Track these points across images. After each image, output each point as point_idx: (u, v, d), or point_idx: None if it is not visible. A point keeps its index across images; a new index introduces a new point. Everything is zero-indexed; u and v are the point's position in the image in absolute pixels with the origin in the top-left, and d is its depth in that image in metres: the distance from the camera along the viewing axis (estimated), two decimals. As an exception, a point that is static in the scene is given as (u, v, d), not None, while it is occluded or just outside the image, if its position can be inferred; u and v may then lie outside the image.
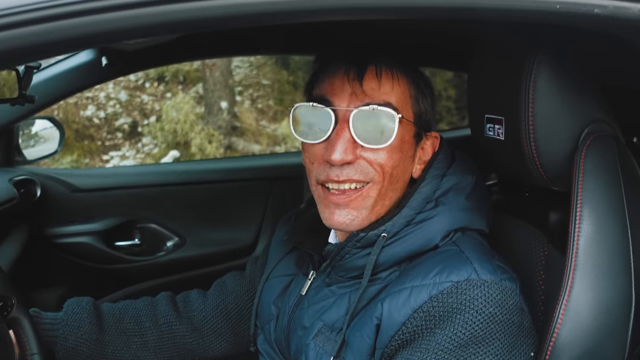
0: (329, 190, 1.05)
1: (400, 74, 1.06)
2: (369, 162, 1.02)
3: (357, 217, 1.04)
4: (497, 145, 1.14)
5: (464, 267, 0.97)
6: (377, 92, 1.03)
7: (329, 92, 1.05)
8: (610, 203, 0.96)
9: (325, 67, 1.09)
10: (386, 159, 1.03)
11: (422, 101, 1.09)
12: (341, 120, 1.02)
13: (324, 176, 1.03)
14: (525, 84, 1.02)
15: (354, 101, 1.02)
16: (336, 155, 1.00)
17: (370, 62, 1.04)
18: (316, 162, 1.06)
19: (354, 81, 1.03)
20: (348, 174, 1.02)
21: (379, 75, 1.03)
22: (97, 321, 1.33)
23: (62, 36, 0.70)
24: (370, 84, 1.03)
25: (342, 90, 1.04)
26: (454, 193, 1.07)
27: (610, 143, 1.02)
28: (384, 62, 1.05)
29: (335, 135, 1.01)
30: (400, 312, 0.96)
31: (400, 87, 1.05)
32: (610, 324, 0.91)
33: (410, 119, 1.07)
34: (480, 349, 0.91)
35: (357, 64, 1.04)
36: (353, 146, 1.01)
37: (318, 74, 1.11)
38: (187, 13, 0.71)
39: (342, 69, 1.04)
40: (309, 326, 1.12)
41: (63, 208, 2.18)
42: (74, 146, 6.67)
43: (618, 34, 0.87)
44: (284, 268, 1.29)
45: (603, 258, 0.93)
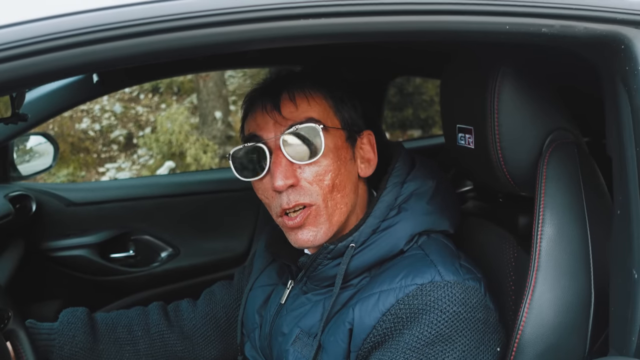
0: (288, 216, 1.11)
1: (314, 91, 1.13)
2: (309, 183, 1.09)
3: (318, 232, 1.11)
4: (468, 153, 1.19)
5: (428, 269, 1.02)
6: (296, 113, 1.10)
7: (256, 129, 1.13)
8: (570, 207, 1.02)
9: (248, 109, 1.18)
10: (324, 172, 1.09)
11: (342, 109, 1.16)
12: (274, 149, 1.09)
13: (279, 208, 1.10)
14: (491, 96, 1.08)
15: (279, 128, 1.10)
16: (278, 182, 1.07)
17: (282, 91, 1.12)
18: (270, 196, 1.12)
19: (272, 111, 1.10)
20: (295, 198, 1.08)
21: (293, 98, 1.11)
22: (91, 330, 1.38)
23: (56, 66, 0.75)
24: (288, 109, 1.10)
25: (266, 123, 1.11)
26: (415, 198, 1.13)
27: (571, 150, 1.07)
28: (295, 87, 1.13)
29: (273, 165, 1.09)
30: (370, 316, 1.02)
31: (317, 101, 1.13)
32: (572, 320, 0.97)
33: (337, 125, 1.13)
34: (447, 346, 0.96)
35: (271, 96, 1.12)
36: (292, 169, 1.08)
37: (245, 117, 1.19)
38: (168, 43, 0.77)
39: (260, 105, 1.13)
40: (287, 332, 1.17)
41: (58, 222, 2.22)
42: (69, 159, 6.72)
43: (570, 48, 0.92)
44: (266, 278, 1.34)
45: (564, 259, 0.99)
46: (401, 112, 7.13)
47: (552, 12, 0.83)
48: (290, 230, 1.12)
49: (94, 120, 7.41)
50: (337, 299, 1.09)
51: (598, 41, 0.88)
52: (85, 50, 0.74)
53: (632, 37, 0.87)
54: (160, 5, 0.76)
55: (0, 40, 0.72)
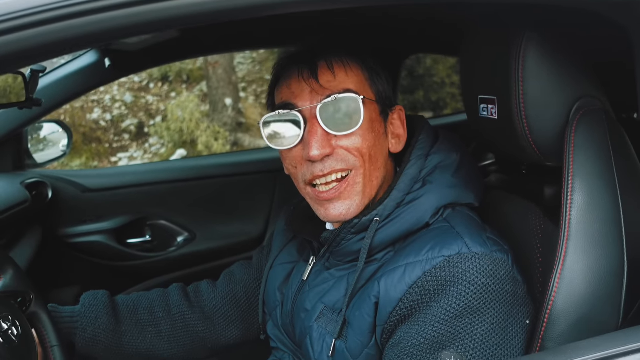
0: (318, 188, 1.09)
1: (351, 61, 1.11)
2: (347, 150, 1.07)
3: (352, 205, 1.08)
4: (491, 125, 1.16)
5: (455, 241, 1.00)
6: (334, 82, 1.08)
7: (290, 97, 1.10)
8: (600, 174, 0.99)
9: (280, 76, 1.14)
10: (362, 142, 1.07)
11: (377, 80, 1.14)
12: (310, 119, 1.07)
13: (310, 175, 1.08)
14: (515, 63, 1.05)
15: (316, 97, 1.07)
16: (314, 152, 1.04)
17: (320, 58, 1.09)
18: (299, 165, 1.10)
19: (309, 79, 1.08)
20: (331, 165, 1.06)
21: (331, 67, 1.08)
22: (113, 312, 1.38)
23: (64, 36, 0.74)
24: (325, 78, 1.08)
25: (302, 91, 1.08)
26: (440, 171, 1.11)
27: (599, 117, 1.04)
28: (332, 55, 1.10)
29: (308, 134, 1.06)
30: (397, 289, 1.00)
31: (354, 72, 1.10)
32: (604, 290, 0.94)
33: (372, 98, 1.11)
34: (475, 318, 0.95)
35: (307, 63, 1.09)
36: (327, 139, 1.06)
37: (274, 84, 1.16)
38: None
39: (296, 72, 1.09)
40: (310, 309, 1.16)
41: (74, 208, 2.23)
42: (82, 149, 6.75)
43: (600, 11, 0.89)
44: (286, 256, 1.33)
45: (595, 227, 0.96)
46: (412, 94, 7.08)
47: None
48: (321, 204, 1.10)
49: (105, 110, 7.42)
50: (362, 273, 1.08)
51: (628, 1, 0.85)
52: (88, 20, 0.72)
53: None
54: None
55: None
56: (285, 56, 1.16)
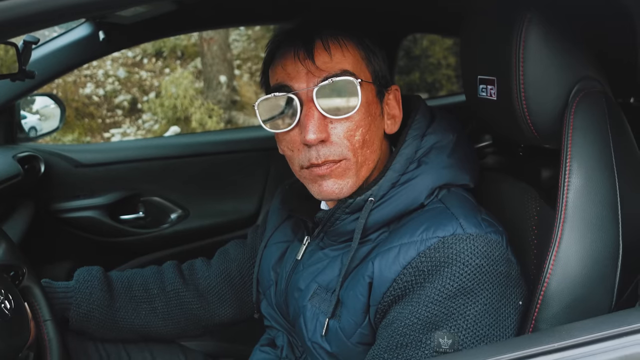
0: (312, 168, 1.07)
1: (347, 40, 1.08)
2: (340, 139, 1.05)
3: (345, 185, 1.08)
4: (490, 105, 1.16)
5: (450, 222, 1.00)
6: (330, 63, 1.05)
7: (285, 78, 1.07)
8: (598, 157, 0.99)
9: (275, 54, 1.12)
10: (355, 127, 1.06)
11: (373, 60, 1.11)
12: (306, 101, 1.04)
13: (306, 161, 1.06)
14: (516, 43, 1.03)
15: (312, 79, 1.05)
16: (310, 136, 1.02)
17: (315, 38, 1.06)
18: (295, 148, 1.08)
19: (305, 60, 1.05)
20: (325, 154, 1.05)
21: (327, 47, 1.06)
22: (107, 288, 1.37)
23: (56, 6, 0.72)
24: (322, 58, 1.05)
25: (298, 72, 1.06)
26: (436, 152, 1.10)
27: (599, 99, 1.04)
28: (328, 34, 1.07)
29: (305, 117, 1.04)
30: (391, 269, 1.00)
31: (351, 52, 1.08)
32: (599, 272, 0.95)
33: (368, 79, 1.09)
34: (469, 299, 0.95)
35: (303, 43, 1.06)
36: (324, 122, 1.04)
37: (269, 63, 1.14)
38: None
39: (291, 52, 1.07)
40: (304, 288, 1.16)
41: (67, 183, 2.21)
42: (74, 124, 6.69)
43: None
44: (280, 235, 1.33)
45: (591, 210, 0.96)
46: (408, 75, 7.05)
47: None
48: (315, 180, 1.09)
49: (98, 85, 7.35)
50: (356, 253, 1.08)
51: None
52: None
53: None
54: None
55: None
56: (280, 34, 1.13)
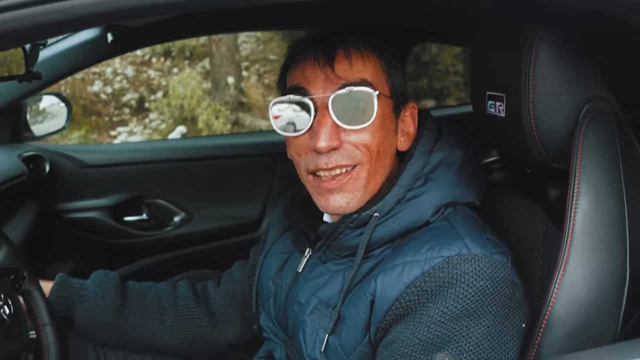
0: (320, 178, 1.06)
1: (369, 50, 1.07)
2: (354, 146, 1.04)
3: (352, 199, 1.06)
4: (498, 122, 1.14)
5: (455, 242, 0.98)
6: (350, 72, 1.04)
7: (303, 82, 1.06)
8: (607, 180, 0.97)
9: (294, 59, 1.10)
10: (370, 138, 1.04)
11: (394, 74, 1.10)
12: (320, 108, 1.03)
13: (313, 165, 1.05)
14: (526, 62, 1.02)
15: (330, 86, 1.03)
16: (322, 143, 1.01)
17: (337, 45, 1.05)
18: (303, 153, 1.07)
19: (325, 66, 1.04)
20: (336, 160, 1.03)
21: (349, 55, 1.05)
22: (121, 293, 1.37)
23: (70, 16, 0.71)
24: (342, 66, 1.04)
25: (316, 77, 1.04)
26: (443, 168, 1.09)
27: (609, 120, 1.02)
28: (350, 43, 1.06)
29: (318, 124, 1.03)
30: (394, 288, 0.98)
31: (372, 63, 1.07)
32: (604, 299, 0.93)
33: (386, 93, 1.08)
34: (471, 321, 0.93)
35: (324, 49, 1.05)
36: (337, 131, 1.03)
37: (287, 66, 1.13)
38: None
39: (312, 57, 1.05)
40: (304, 302, 1.14)
41: (72, 184, 2.21)
42: (81, 122, 6.71)
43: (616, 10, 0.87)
44: (281, 246, 1.31)
45: (599, 234, 0.94)
46: (416, 82, 7.03)
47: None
48: (321, 194, 1.07)
49: (106, 83, 7.37)
50: (359, 269, 1.06)
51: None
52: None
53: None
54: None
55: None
56: (303, 39, 1.12)
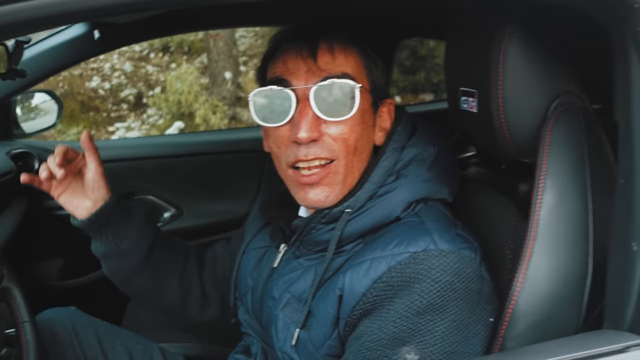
0: (300, 171, 1.07)
1: (351, 45, 1.08)
2: (333, 139, 1.05)
3: (331, 193, 1.07)
4: (471, 118, 1.15)
5: (423, 237, 0.99)
6: (332, 65, 1.05)
7: (284, 73, 1.07)
8: (573, 175, 0.98)
9: (276, 50, 1.11)
10: (349, 131, 1.05)
11: (374, 70, 1.11)
12: (302, 99, 1.04)
13: (293, 157, 1.06)
14: (496, 58, 1.03)
15: (312, 78, 1.04)
16: (302, 134, 1.02)
17: (320, 39, 1.06)
18: (283, 145, 1.07)
19: (307, 58, 1.05)
20: (315, 152, 1.04)
21: (331, 49, 1.06)
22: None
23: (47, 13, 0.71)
24: (324, 59, 1.05)
25: (298, 69, 1.05)
26: (415, 165, 1.09)
27: (577, 115, 1.03)
28: (333, 37, 1.07)
29: (299, 115, 1.03)
30: (361, 283, 1.00)
31: (353, 57, 1.08)
32: (567, 292, 0.94)
33: (367, 87, 1.09)
34: (437, 315, 0.94)
35: (308, 41, 1.06)
36: (317, 123, 1.04)
37: (269, 58, 1.13)
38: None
39: (295, 48, 1.06)
40: (277, 297, 1.15)
41: (62, 180, 2.21)
42: (79, 118, 6.72)
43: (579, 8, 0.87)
44: (259, 241, 1.33)
45: (562, 229, 0.95)
46: (413, 75, 7.02)
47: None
48: (301, 187, 1.08)
49: (104, 79, 7.38)
50: (330, 265, 1.07)
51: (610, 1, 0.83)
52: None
53: (646, -4, 0.82)
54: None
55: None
56: (285, 31, 1.13)
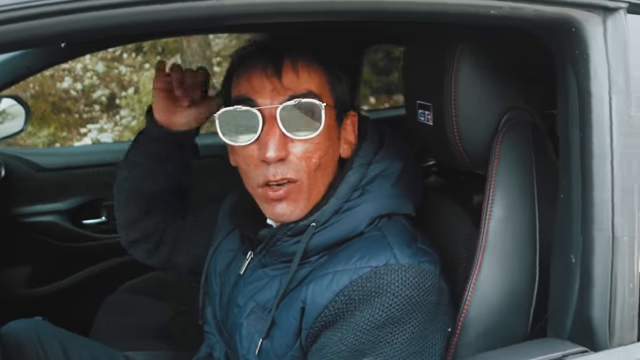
0: (269, 187, 1.07)
1: (315, 63, 1.09)
2: (298, 158, 1.05)
3: (296, 208, 1.09)
4: (427, 130, 1.18)
5: (384, 252, 1.02)
6: (296, 83, 1.06)
7: (250, 91, 1.07)
8: (521, 189, 1.02)
9: (239, 65, 1.12)
10: (314, 149, 1.06)
11: (338, 86, 1.12)
12: (268, 118, 1.04)
13: (263, 178, 1.06)
14: (448, 74, 1.06)
15: (277, 97, 1.05)
16: (270, 153, 1.02)
17: (284, 56, 1.07)
18: (252, 164, 1.08)
19: (272, 77, 1.05)
20: (282, 172, 1.05)
21: (295, 67, 1.06)
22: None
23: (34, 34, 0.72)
24: (289, 77, 1.06)
25: (263, 88, 1.06)
26: (380, 180, 1.11)
27: (526, 129, 1.07)
28: (297, 54, 1.08)
29: (266, 134, 1.04)
30: (323, 296, 1.02)
31: (317, 74, 1.09)
32: (514, 302, 0.98)
33: (330, 104, 1.10)
34: (396, 328, 0.97)
35: (272, 59, 1.06)
36: (284, 141, 1.04)
37: (233, 73, 1.14)
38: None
39: (259, 67, 1.07)
40: (242, 305, 1.17)
41: (29, 187, 2.21)
42: (50, 119, 6.62)
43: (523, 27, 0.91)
44: (229, 243, 1.33)
45: (510, 240, 0.99)
46: (387, 76, 7.07)
47: (501, -6, 0.82)
48: (269, 203, 1.09)
49: (76, 80, 7.28)
50: (294, 276, 1.09)
51: (548, 24, 0.87)
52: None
53: (582, 20, 0.86)
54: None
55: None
56: (248, 47, 1.14)
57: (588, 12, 0.86)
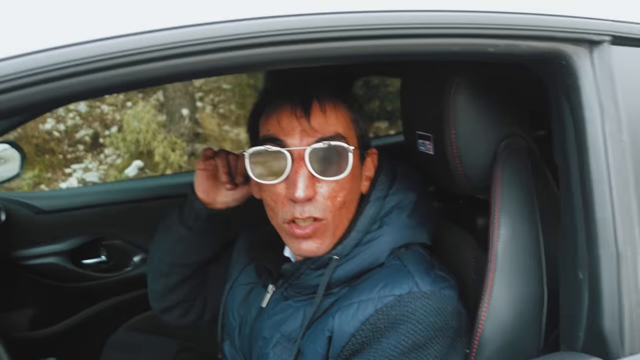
0: (295, 224, 1.11)
1: (340, 102, 1.13)
2: (325, 198, 1.09)
3: (323, 244, 1.12)
4: (428, 159, 1.25)
5: (406, 280, 1.06)
6: (325, 125, 1.09)
7: (279, 132, 1.10)
8: (523, 210, 1.09)
9: (268, 104, 1.15)
10: (339, 189, 1.10)
11: (360, 122, 1.17)
12: (297, 159, 1.07)
13: (290, 215, 1.10)
14: (447, 106, 1.13)
15: (306, 138, 1.08)
16: (299, 193, 1.06)
17: (312, 97, 1.10)
18: (279, 202, 1.11)
19: (301, 118, 1.08)
20: (309, 211, 1.09)
21: (323, 108, 1.10)
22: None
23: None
24: (317, 119, 1.09)
25: (293, 129, 1.09)
26: (397, 212, 1.16)
27: (523, 155, 1.14)
28: (324, 94, 1.11)
29: (295, 174, 1.07)
30: (350, 325, 1.06)
31: (343, 114, 1.13)
32: (526, 318, 1.04)
33: (355, 144, 1.14)
34: (421, 352, 1.02)
35: (300, 100, 1.10)
36: (312, 182, 1.08)
37: (261, 112, 1.17)
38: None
39: (288, 107, 1.10)
40: (268, 337, 1.20)
41: (28, 230, 2.22)
42: (34, 161, 6.60)
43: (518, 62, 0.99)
44: (245, 277, 1.37)
45: (518, 260, 1.06)
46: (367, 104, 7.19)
47: (497, 33, 0.89)
48: (295, 239, 1.13)
49: (59, 121, 7.28)
50: (319, 306, 1.13)
51: (541, 58, 0.94)
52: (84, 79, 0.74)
53: (572, 54, 0.94)
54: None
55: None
56: (277, 86, 1.17)
57: (576, 46, 0.94)
